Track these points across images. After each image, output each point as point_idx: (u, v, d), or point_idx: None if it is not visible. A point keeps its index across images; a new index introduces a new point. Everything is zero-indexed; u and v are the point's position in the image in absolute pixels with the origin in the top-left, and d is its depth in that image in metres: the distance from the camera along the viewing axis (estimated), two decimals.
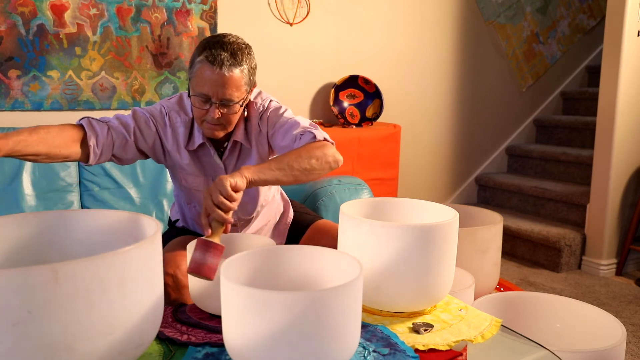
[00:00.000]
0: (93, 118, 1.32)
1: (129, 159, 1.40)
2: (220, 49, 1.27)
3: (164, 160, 1.46)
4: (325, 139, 1.35)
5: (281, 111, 1.42)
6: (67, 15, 2.26)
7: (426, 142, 3.40)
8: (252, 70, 1.34)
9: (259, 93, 1.47)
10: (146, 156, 1.44)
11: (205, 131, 1.37)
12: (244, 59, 1.30)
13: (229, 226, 1.10)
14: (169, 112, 1.42)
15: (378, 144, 2.73)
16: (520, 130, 3.81)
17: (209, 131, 1.35)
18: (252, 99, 1.44)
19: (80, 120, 1.32)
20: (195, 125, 1.41)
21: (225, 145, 1.45)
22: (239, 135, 1.42)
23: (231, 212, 1.10)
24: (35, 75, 2.24)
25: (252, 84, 1.36)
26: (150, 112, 1.41)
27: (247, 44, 1.34)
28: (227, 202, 1.09)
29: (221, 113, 1.31)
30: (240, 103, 1.33)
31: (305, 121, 1.40)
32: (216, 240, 1.04)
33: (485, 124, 3.64)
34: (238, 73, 1.28)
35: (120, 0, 2.35)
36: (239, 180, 1.14)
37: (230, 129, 1.38)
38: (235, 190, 1.12)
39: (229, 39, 1.30)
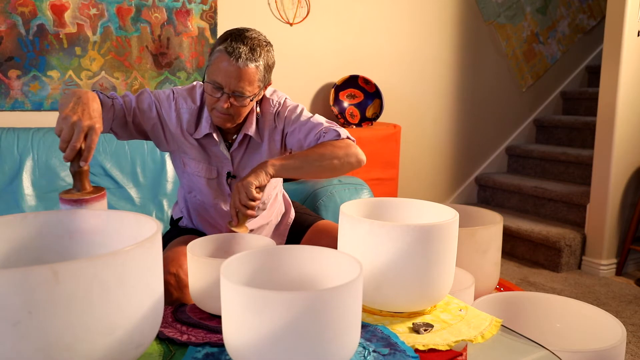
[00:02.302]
0: (101, 92, 1.36)
1: (126, 136, 1.44)
2: (241, 43, 1.30)
3: (165, 145, 1.48)
4: (348, 137, 1.42)
5: (299, 110, 1.47)
6: (67, 15, 2.27)
7: (426, 142, 3.40)
8: (268, 68, 1.37)
9: (274, 91, 1.51)
10: (146, 137, 1.46)
11: (214, 119, 1.39)
12: (262, 56, 1.33)
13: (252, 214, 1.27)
14: (177, 97, 1.45)
15: (378, 144, 2.73)
16: (520, 130, 3.81)
17: (218, 120, 1.38)
18: (267, 96, 1.48)
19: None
20: (205, 114, 1.43)
21: (234, 137, 1.47)
22: (251, 130, 1.45)
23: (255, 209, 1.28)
24: (35, 75, 2.24)
25: (266, 81, 1.39)
26: (156, 96, 1.44)
27: (268, 42, 1.37)
28: (252, 203, 1.26)
29: (231, 104, 1.34)
30: (251, 98, 1.35)
31: (322, 119, 1.46)
32: (242, 229, 1.27)
33: (485, 124, 3.64)
34: (253, 68, 1.31)
35: (120, 0, 2.35)
36: (263, 179, 1.28)
37: (238, 121, 1.40)
38: (260, 186, 1.28)
39: (251, 34, 1.33)
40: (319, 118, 1.45)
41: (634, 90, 2.77)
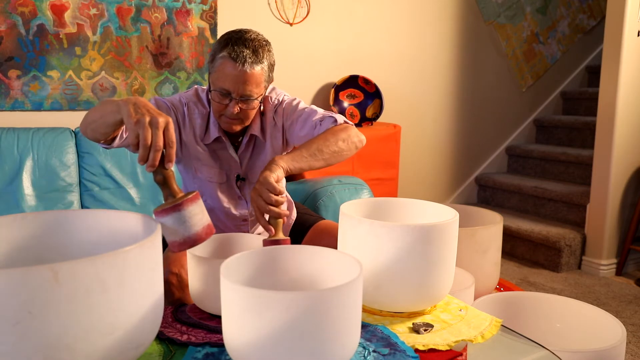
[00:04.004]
0: None
1: None
2: (243, 46, 1.29)
3: (179, 152, 1.47)
4: (345, 122, 1.40)
5: (295, 103, 1.46)
6: (67, 15, 2.26)
7: (426, 142, 3.40)
8: (272, 67, 1.37)
9: (273, 88, 1.51)
10: None
11: (223, 125, 1.39)
12: (265, 56, 1.33)
13: (285, 218, 1.16)
14: (188, 102, 1.44)
15: (378, 144, 2.73)
16: (520, 130, 3.81)
17: (227, 125, 1.38)
18: (266, 94, 1.47)
19: None
20: (211, 119, 1.43)
21: (240, 139, 1.47)
22: (256, 129, 1.45)
23: (285, 204, 1.17)
24: (35, 75, 2.24)
25: (270, 80, 1.39)
26: (170, 102, 1.43)
27: (267, 41, 1.36)
28: (278, 198, 1.14)
29: (240, 108, 1.33)
30: (260, 99, 1.36)
31: (319, 109, 1.44)
32: (280, 235, 1.12)
33: (485, 124, 3.64)
34: (259, 70, 1.31)
35: (120, 0, 2.35)
36: (279, 173, 1.20)
37: (247, 124, 1.41)
38: (278, 182, 1.18)
39: (251, 36, 1.32)
40: (315, 108, 1.44)
41: (634, 90, 2.77)
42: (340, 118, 1.41)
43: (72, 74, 2.31)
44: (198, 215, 0.91)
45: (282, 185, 1.18)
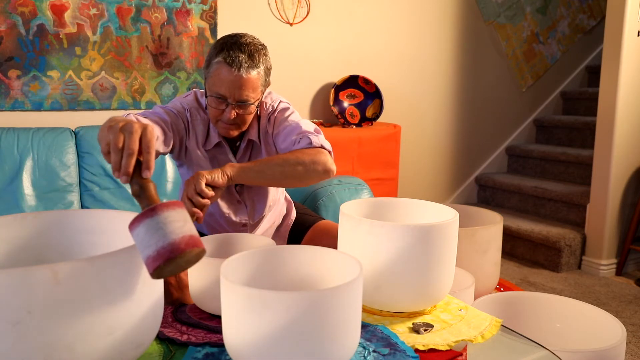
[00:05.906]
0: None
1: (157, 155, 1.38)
2: (238, 51, 1.28)
3: (184, 158, 1.46)
4: (322, 147, 1.35)
5: (287, 113, 1.43)
6: (67, 15, 2.26)
7: (426, 142, 3.40)
8: (268, 71, 1.36)
9: (269, 93, 1.49)
10: (164, 153, 1.42)
11: (220, 130, 1.38)
12: (261, 61, 1.31)
13: (201, 219, 1.13)
14: (190, 108, 1.43)
15: (378, 144, 2.73)
16: (520, 130, 3.81)
17: (224, 130, 1.37)
18: (262, 99, 1.45)
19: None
20: (211, 124, 1.42)
21: (238, 144, 1.46)
22: (253, 134, 1.44)
23: (205, 208, 1.13)
24: (35, 75, 2.24)
25: (267, 84, 1.38)
26: (175, 109, 1.41)
27: (263, 45, 1.35)
28: (199, 198, 1.12)
29: (237, 113, 1.32)
30: (256, 104, 1.35)
31: (309, 125, 1.40)
32: None
33: (485, 124, 3.64)
34: (255, 75, 1.30)
35: (120, 0, 2.35)
36: (217, 176, 1.17)
37: (244, 128, 1.40)
38: (214, 185, 1.15)
39: (246, 40, 1.31)
40: (304, 124, 1.39)
41: (634, 90, 2.77)
42: (317, 141, 1.34)
43: (72, 74, 2.31)
44: (177, 222, 0.73)
45: (217, 191, 1.15)
